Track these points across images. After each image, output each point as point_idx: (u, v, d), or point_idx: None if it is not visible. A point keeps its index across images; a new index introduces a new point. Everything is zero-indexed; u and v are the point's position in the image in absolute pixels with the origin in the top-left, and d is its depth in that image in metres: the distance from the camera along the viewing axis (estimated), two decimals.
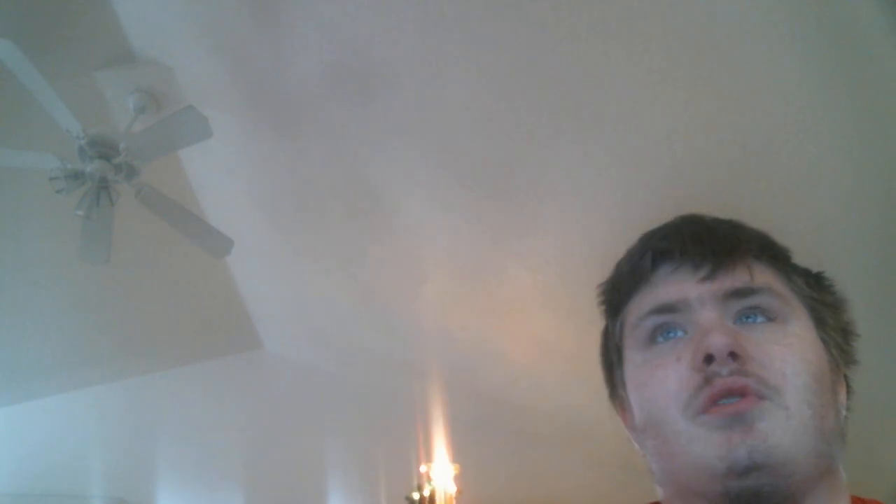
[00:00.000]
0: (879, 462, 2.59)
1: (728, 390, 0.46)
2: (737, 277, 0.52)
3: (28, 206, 2.75)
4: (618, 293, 0.59)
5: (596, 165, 2.26)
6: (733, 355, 0.47)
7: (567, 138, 2.19)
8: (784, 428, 0.45)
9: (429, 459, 3.35)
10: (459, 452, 3.50)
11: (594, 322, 0.63)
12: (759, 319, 0.51)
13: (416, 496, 2.91)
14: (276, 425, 4.21)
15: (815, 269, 0.58)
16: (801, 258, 0.59)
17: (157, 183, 2.43)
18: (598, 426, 3.24)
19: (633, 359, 0.55)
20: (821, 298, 0.55)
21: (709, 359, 0.48)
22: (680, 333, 0.52)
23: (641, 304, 0.55)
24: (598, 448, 3.54)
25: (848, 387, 0.55)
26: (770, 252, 0.56)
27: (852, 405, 0.54)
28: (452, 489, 2.93)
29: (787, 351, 0.48)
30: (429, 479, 2.93)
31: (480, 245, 2.77)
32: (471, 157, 2.39)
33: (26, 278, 3.08)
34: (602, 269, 0.63)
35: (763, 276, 0.53)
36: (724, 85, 1.87)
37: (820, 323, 0.53)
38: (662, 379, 0.50)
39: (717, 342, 0.47)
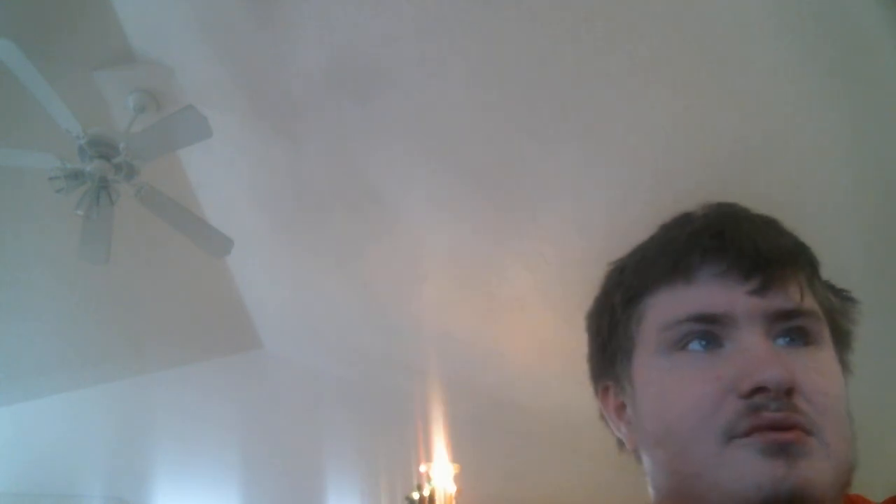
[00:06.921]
0: (879, 460, 2.59)
1: (777, 426, 0.44)
2: (788, 297, 0.48)
3: (28, 205, 2.75)
4: (642, 279, 0.54)
5: (596, 165, 2.26)
6: (789, 391, 0.44)
7: (567, 138, 2.19)
8: (824, 468, 0.44)
9: (429, 459, 3.35)
10: (459, 452, 3.50)
11: None
12: (800, 343, 0.48)
13: (416, 496, 2.91)
14: (275, 425, 4.21)
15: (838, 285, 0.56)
16: None
17: (157, 183, 2.43)
18: (597, 426, 3.23)
19: (655, 362, 0.51)
20: (846, 320, 0.53)
21: (758, 389, 0.45)
22: (724, 345, 0.48)
23: (677, 305, 0.50)
24: (598, 448, 3.54)
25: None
26: (816, 271, 0.52)
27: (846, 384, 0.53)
28: (452, 489, 2.93)
29: (827, 383, 0.47)
30: (429, 479, 2.93)
31: (480, 245, 2.77)
32: (470, 157, 2.39)
33: (25, 278, 3.08)
34: (602, 268, 0.62)
35: (810, 297, 0.50)
36: (724, 84, 1.87)
37: (839, 343, 0.52)
38: (695, 396, 0.47)
39: (775, 377, 0.44)
